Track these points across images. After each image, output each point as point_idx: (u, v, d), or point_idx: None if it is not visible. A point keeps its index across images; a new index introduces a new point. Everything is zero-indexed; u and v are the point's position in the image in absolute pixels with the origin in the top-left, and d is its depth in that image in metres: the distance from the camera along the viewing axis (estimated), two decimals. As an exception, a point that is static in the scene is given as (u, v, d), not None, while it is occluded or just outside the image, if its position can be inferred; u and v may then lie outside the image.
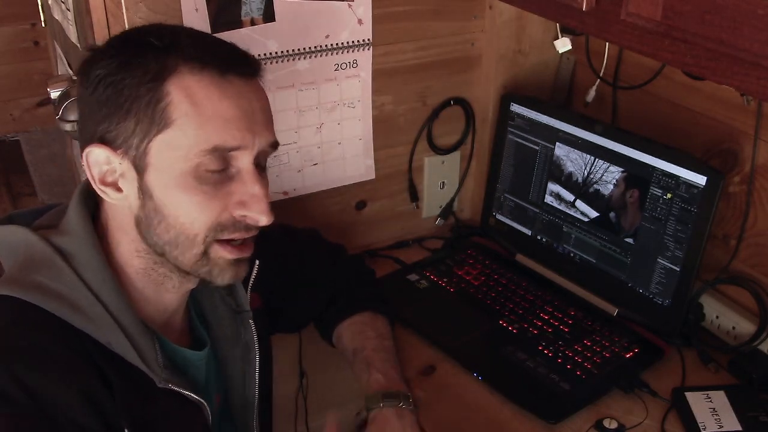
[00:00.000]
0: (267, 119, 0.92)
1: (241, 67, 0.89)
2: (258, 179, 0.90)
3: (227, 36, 1.29)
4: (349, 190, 1.56)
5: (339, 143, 1.50)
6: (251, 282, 1.09)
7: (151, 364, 0.91)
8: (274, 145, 0.93)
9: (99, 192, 0.90)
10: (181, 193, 0.87)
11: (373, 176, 1.57)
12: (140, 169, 0.87)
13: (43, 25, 2.51)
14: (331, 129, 1.48)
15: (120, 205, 0.91)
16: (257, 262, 1.09)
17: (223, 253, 0.91)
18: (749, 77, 0.82)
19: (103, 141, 0.88)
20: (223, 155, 0.87)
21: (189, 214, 0.88)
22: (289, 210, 1.48)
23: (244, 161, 0.89)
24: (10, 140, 3.52)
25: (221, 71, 0.87)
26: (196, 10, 1.26)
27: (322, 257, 1.31)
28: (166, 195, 0.87)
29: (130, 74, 0.85)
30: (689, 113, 1.37)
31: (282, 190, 1.48)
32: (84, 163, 0.89)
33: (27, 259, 0.90)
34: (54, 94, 1.52)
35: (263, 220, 0.91)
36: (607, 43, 1.47)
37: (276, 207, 1.44)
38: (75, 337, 0.86)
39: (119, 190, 0.89)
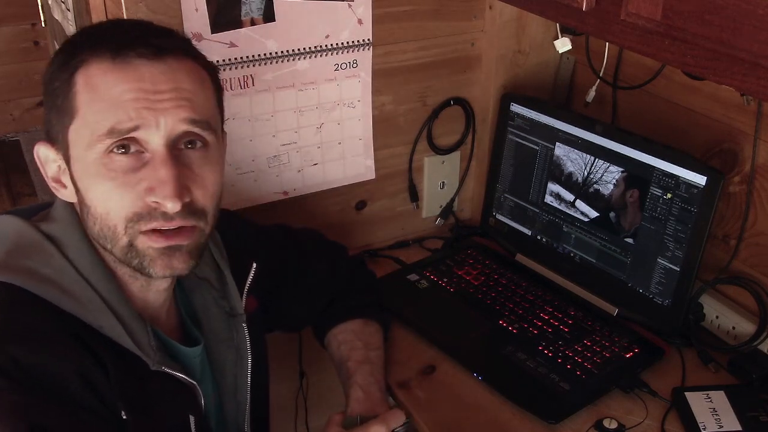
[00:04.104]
0: (178, 98, 0.87)
1: (142, 49, 0.87)
2: (166, 162, 0.86)
3: (227, 36, 1.29)
4: (349, 190, 1.56)
5: (339, 143, 1.50)
6: (247, 286, 1.08)
7: (144, 347, 0.90)
8: (192, 122, 0.88)
9: (53, 189, 0.93)
10: (94, 182, 0.87)
11: (373, 176, 1.57)
12: (67, 161, 0.90)
13: (43, 25, 2.51)
14: (331, 129, 1.48)
15: (72, 202, 0.92)
16: (254, 265, 1.08)
17: (149, 243, 0.88)
18: (749, 77, 0.82)
19: (47, 138, 0.92)
20: (124, 138, 0.85)
21: (103, 204, 0.87)
22: (289, 210, 1.48)
23: (153, 144, 0.86)
24: (10, 140, 3.51)
25: (120, 55, 0.86)
26: (196, 10, 1.26)
27: (321, 259, 1.30)
28: (85, 186, 0.89)
29: (56, 72, 0.89)
30: (689, 113, 1.37)
31: (282, 190, 1.48)
32: (37, 162, 0.93)
33: (14, 245, 0.91)
34: (54, 94, 1.51)
35: (168, 205, 0.86)
36: (607, 43, 1.47)
37: (276, 207, 1.48)
38: (65, 320, 0.87)
39: (65, 186, 0.92)
